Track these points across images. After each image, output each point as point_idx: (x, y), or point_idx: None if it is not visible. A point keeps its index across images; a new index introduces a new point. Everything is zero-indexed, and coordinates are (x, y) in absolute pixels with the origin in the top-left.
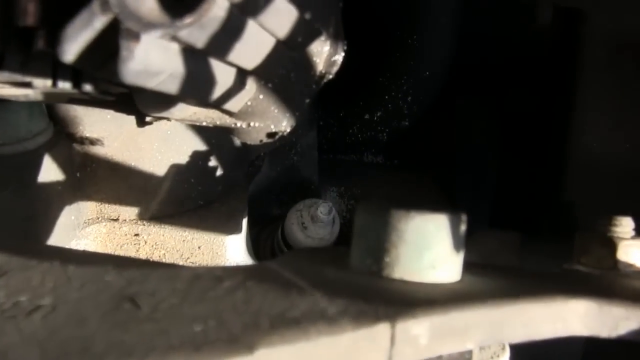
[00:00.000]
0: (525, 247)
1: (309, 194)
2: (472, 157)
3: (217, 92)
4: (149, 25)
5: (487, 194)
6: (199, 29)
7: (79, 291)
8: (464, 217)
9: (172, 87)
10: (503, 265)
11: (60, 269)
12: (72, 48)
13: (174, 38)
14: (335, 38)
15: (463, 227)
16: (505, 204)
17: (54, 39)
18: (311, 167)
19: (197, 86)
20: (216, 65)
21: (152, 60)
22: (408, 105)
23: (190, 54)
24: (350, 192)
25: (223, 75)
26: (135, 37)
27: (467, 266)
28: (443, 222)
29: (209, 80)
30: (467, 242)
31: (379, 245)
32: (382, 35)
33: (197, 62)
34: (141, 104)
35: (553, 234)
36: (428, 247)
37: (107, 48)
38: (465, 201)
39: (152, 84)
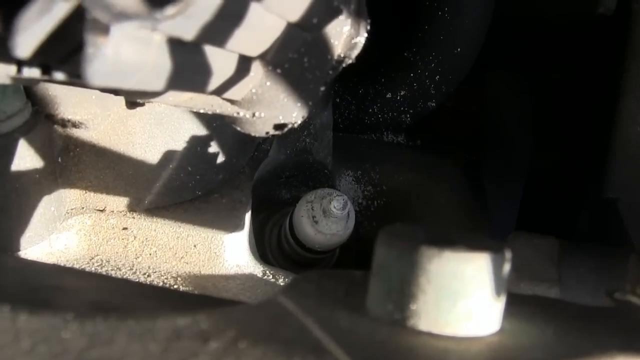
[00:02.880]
0: (564, 258)
1: (322, 178)
2: (503, 139)
3: (215, 83)
4: (121, 16)
5: (518, 183)
6: (185, 20)
7: (27, 356)
8: (508, 255)
9: (155, 84)
10: (545, 298)
11: (9, 318)
12: (26, 41)
13: (156, 28)
14: (357, 16)
15: (507, 268)
16: (538, 199)
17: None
18: (325, 149)
19: (188, 79)
20: (212, 54)
21: (126, 57)
22: (435, 85)
23: (178, 44)
24: (367, 176)
25: (221, 63)
26: (104, 30)
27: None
28: (484, 264)
29: (204, 71)
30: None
31: (404, 289)
32: (409, 5)
33: (187, 52)
34: (124, 91)
35: (593, 237)
36: (464, 294)
37: (73, 38)
38: (494, 190)
39: (128, 84)
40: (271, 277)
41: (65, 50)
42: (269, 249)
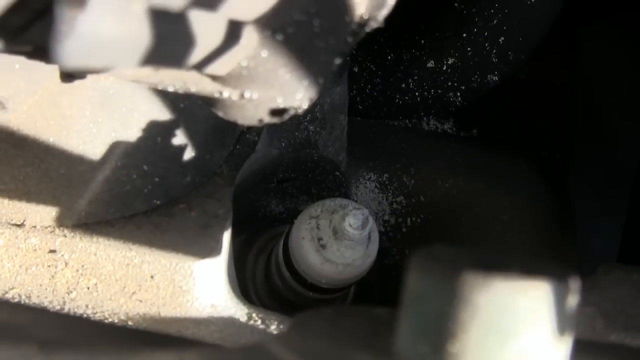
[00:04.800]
0: None
1: (331, 183)
2: (602, 129)
3: (197, 55)
4: None
5: (622, 196)
6: None
7: None
8: (573, 284)
9: (130, 61)
10: (634, 350)
11: None
12: None
13: None
14: None
15: (573, 301)
16: None
17: None
18: (336, 142)
19: (168, 52)
20: (197, 21)
21: (104, 33)
22: (499, 49)
23: (160, 13)
24: (398, 182)
25: (207, 31)
26: (79, 2)
27: (574, 351)
28: (542, 296)
29: (187, 42)
30: (586, 282)
31: (442, 327)
32: None
33: (170, 22)
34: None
35: None
36: (517, 333)
37: (33, 5)
38: (587, 204)
39: (101, 63)
40: (260, 322)
41: (22, 20)
42: (253, 285)
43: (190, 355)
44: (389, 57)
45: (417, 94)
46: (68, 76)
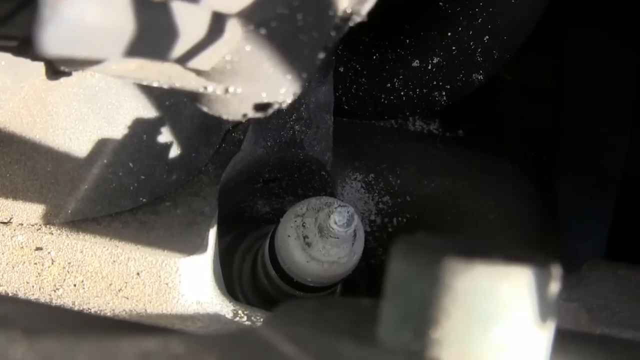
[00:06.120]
0: None
1: (317, 183)
2: (588, 131)
3: (181, 47)
4: None
5: (608, 196)
6: None
7: None
8: (556, 271)
9: (114, 50)
10: (615, 339)
11: None
12: None
13: None
14: None
15: (555, 287)
16: (635, 219)
17: None
18: (322, 141)
19: (152, 43)
20: (180, 12)
21: (87, 20)
22: (484, 49)
23: (144, 2)
24: (383, 182)
25: (191, 23)
26: None
27: (556, 339)
28: (524, 282)
29: (170, 34)
30: (571, 278)
31: (424, 314)
32: None
33: (154, 11)
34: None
35: None
36: (498, 318)
37: None
38: (572, 204)
39: (84, 52)
40: (245, 318)
41: (6, 9)
42: (239, 283)
43: (176, 341)
44: (374, 57)
45: (402, 93)
46: (54, 73)
